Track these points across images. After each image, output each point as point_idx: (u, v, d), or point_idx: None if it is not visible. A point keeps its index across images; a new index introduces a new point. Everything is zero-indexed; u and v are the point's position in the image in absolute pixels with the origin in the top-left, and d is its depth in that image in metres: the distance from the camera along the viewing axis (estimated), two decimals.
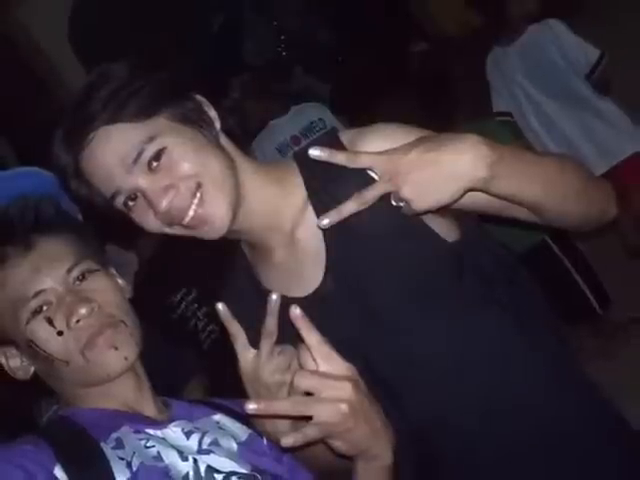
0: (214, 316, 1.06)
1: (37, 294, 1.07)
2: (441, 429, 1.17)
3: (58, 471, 0.96)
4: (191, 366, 2.49)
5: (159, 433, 1.07)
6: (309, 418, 0.96)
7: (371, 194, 1.10)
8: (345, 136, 1.19)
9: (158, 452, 1.03)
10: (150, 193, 1.09)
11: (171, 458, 1.03)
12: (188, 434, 1.09)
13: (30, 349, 1.09)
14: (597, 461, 1.18)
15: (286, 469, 1.12)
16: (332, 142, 1.17)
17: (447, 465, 1.20)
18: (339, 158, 1.12)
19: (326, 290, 1.17)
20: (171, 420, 1.11)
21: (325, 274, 1.17)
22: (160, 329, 2.31)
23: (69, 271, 1.10)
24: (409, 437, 1.13)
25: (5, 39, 5.57)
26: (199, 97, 1.18)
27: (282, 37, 6.44)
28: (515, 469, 1.17)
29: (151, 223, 1.12)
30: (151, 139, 1.08)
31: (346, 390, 0.97)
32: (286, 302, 1.00)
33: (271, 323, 1.01)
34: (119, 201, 1.11)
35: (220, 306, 1.03)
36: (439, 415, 1.17)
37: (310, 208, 1.18)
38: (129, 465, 0.99)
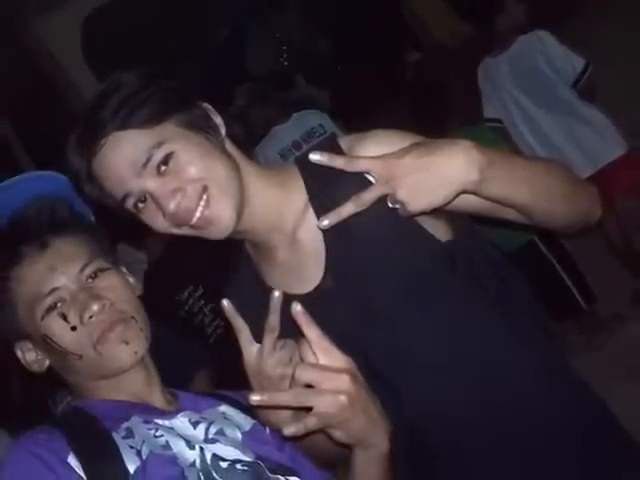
0: (220, 312, 1.06)
1: (52, 291, 1.07)
2: (437, 422, 1.17)
3: (72, 459, 0.96)
4: (198, 360, 2.48)
5: (167, 423, 1.07)
6: (310, 409, 0.96)
7: (368, 196, 1.10)
8: (344, 141, 1.19)
9: (166, 441, 1.03)
10: (159, 195, 1.09)
11: (179, 447, 1.03)
12: (195, 424, 1.09)
13: (45, 343, 1.09)
14: (586, 453, 1.18)
15: (288, 457, 1.12)
16: (332, 147, 1.17)
17: (442, 457, 1.19)
18: (338, 162, 1.12)
19: (326, 288, 1.17)
20: (179, 411, 1.11)
21: (325, 273, 1.17)
22: (168, 324, 2.30)
23: (82, 270, 1.10)
24: (405, 430, 1.13)
25: (13, 39, 5.59)
26: (206, 105, 1.18)
27: (284, 48, 6.46)
28: (508, 462, 1.17)
29: (160, 224, 1.12)
30: (160, 144, 1.09)
31: (344, 382, 0.97)
32: (288, 299, 1.00)
33: (273, 319, 1.01)
34: (129, 203, 1.11)
35: (225, 303, 1.03)
36: (435, 409, 1.16)
37: (311, 210, 1.18)
38: (139, 453, 0.99)
